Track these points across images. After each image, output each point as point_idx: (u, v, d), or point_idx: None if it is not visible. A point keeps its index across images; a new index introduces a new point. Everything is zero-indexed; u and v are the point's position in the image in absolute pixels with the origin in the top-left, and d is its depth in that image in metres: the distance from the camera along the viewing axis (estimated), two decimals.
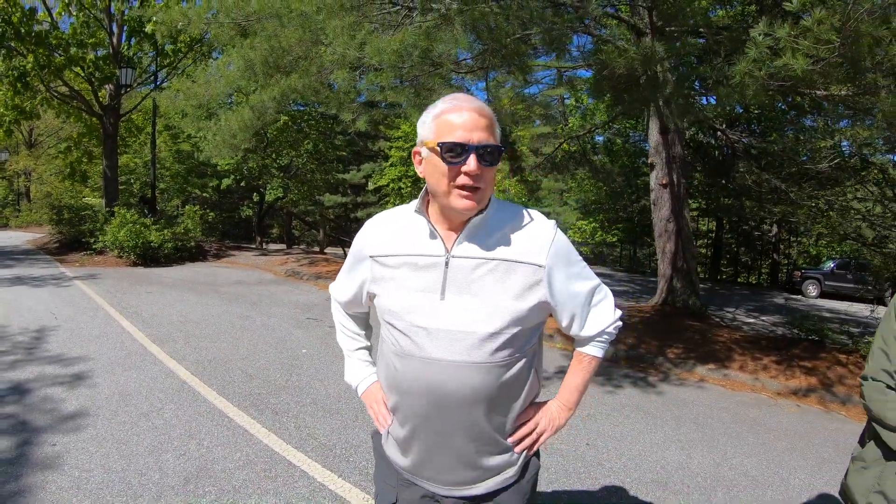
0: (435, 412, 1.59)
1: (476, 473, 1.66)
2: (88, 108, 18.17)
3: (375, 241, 1.70)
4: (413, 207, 1.67)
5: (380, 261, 1.67)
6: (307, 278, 14.00)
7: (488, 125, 1.53)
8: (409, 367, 1.59)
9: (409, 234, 1.64)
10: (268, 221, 31.67)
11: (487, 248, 1.57)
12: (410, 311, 1.58)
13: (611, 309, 1.75)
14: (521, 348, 1.60)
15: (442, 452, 1.64)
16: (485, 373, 1.54)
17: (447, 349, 1.54)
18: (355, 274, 1.80)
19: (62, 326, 7.45)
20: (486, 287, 1.55)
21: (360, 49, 6.27)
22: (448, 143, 1.50)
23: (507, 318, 1.53)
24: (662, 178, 11.08)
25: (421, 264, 1.59)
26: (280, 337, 7.66)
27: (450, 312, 1.54)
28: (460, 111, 1.52)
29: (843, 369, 7.49)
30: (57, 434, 4.16)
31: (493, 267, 1.56)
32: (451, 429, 1.60)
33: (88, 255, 15.91)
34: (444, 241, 1.59)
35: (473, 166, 1.48)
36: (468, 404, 1.56)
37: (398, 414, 1.69)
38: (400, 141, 23.14)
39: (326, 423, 4.69)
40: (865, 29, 4.18)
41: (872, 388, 2.03)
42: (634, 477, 4.20)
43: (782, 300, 18.30)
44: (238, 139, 10.04)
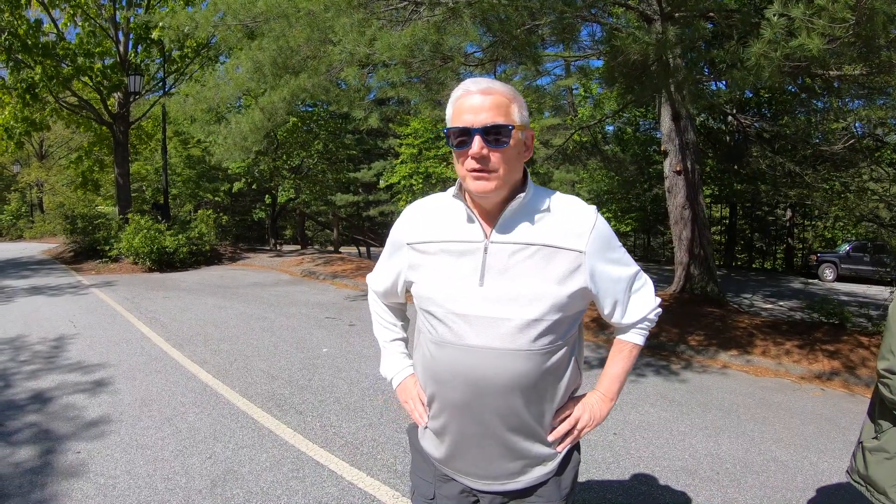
0: (473, 402, 1.55)
1: (515, 466, 1.63)
2: (98, 117, 18.30)
3: (413, 228, 1.68)
4: (451, 193, 1.64)
5: (417, 248, 1.65)
6: (323, 278, 14.01)
7: (497, 104, 1.48)
8: (447, 356, 1.56)
9: (446, 220, 1.62)
10: (281, 223, 31.74)
11: (527, 234, 1.53)
12: (448, 298, 1.54)
13: (651, 295, 1.72)
14: (563, 336, 1.56)
15: (480, 444, 1.60)
16: (525, 360, 1.50)
17: (486, 336, 1.50)
18: (392, 262, 1.78)
19: (81, 334, 7.49)
20: (526, 273, 1.51)
21: (370, 45, 6.25)
22: (454, 128, 1.50)
23: (549, 304, 1.49)
24: (676, 165, 10.99)
25: (459, 250, 1.56)
26: (300, 337, 7.66)
27: (489, 299, 1.51)
28: (468, 95, 1.51)
29: (865, 352, 7.41)
30: (80, 441, 4.16)
31: (534, 252, 1.52)
32: (490, 419, 1.56)
33: (104, 263, 16.00)
34: (483, 226, 1.56)
35: (476, 149, 1.45)
36: (507, 393, 1.52)
37: (434, 404, 1.66)
38: (410, 138, 23.08)
39: (352, 422, 4.68)
40: (879, 6, 4.11)
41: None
42: (663, 465, 4.16)
43: (799, 285, 18.15)
44: (249, 141, 10.04)
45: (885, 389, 2.03)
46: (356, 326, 8.50)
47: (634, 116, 23.61)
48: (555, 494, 1.68)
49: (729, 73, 5.28)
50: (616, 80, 6.92)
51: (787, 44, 4.38)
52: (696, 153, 11.48)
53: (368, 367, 6.34)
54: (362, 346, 7.27)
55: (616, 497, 3.64)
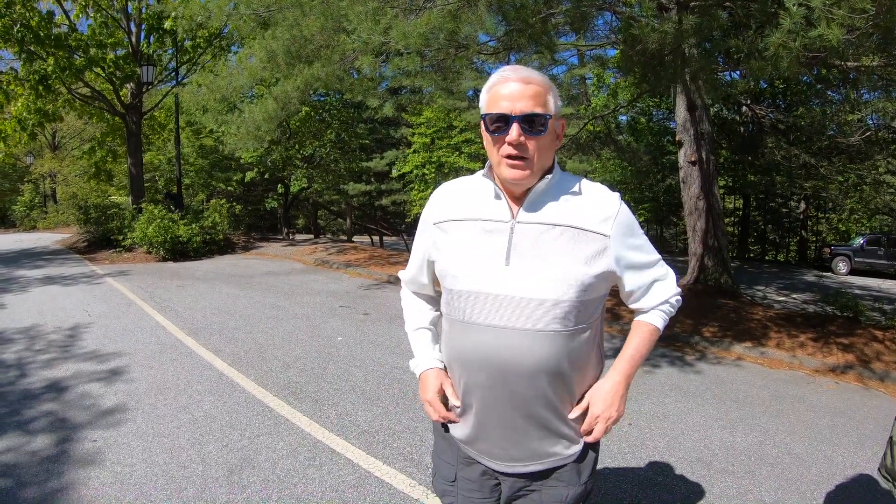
0: (498, 382, 1.55)
1: (538, 448, 1.63)
2: (111, 107, 18.35)
3: (439, 208, 1.69)
4: (480, 174, 1.66)
5: (442, 227, 1.66)
6: (337, 266, 14.04)
7: (535, 93, 1.51)
8: (471, 337, 1.56)
9: (473, 199, 1.63)
10: (293, 212, 31.83)
11: (554, 215, 1.55)
12: (473, 276, 1.55)
13: (673, 282, 1.75)
14: (587, 319, 1.57)
15: (504, 425, 1.61)
16: (551, 341, 1.51)
17: (512, 316, 1.51)
18: (419, 245, 1.79)
19: (96, 323, 7.54)
20: (553, 253, 1.52)
21: (385, 34, 6.23)
22: (491, 114, 1.52)
23: (575, 285, 1.51)
24: (691, 156, 10.92)
25: (486, 229, 1.57)
26: (314, 326, 7.69)
27: (516, 278, 1.51)
28: (506, 82, 1.53)
29: (879, 346, 7.36)
30: (97, 430, 4.18)
31: (560, 233, 1.54)
32: (514, 401, 1.57)
33: (118, 253, 16.09)
34: (511, 206, 1.58)
35: (514, 136, 1.49)
36: (532, 375, 1.53)
37: (459, 384, 1.66)
38: (422, 127, 23.04)
39: (367, 410, 4.70)
40: None
41: None
42: (679, 456, 4.15)
43: (813, 277, 18.03)
44: (262, 130, 10.05)
45: None
46: (370, 315, 8.52)
47: (648, 106, 23.46)
48: (574, 479, 1.68)
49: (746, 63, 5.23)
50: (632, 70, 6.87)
51: (807, 34, 4.33)
52: (710, 144, 11.41)
53: (383, 355, 6.36)
54: (377, 335, 7.29)
55: (632, 488, 3.64)
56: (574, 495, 1.67)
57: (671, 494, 3.61)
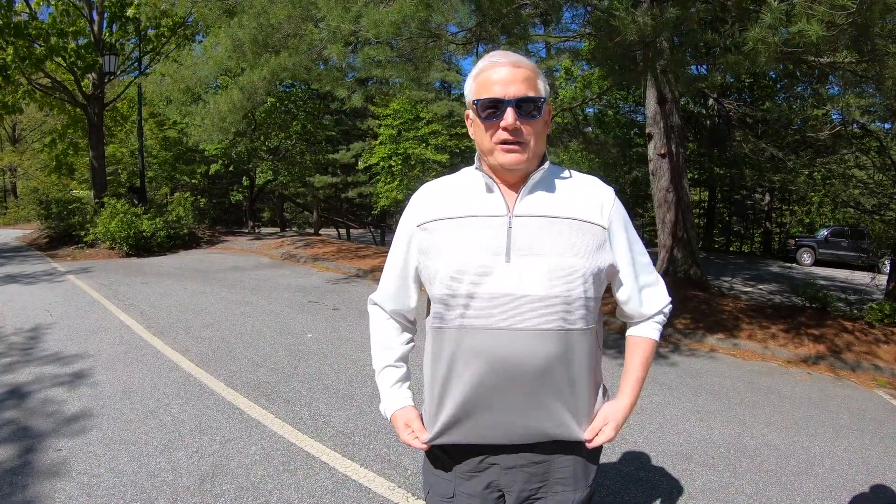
0: (500, 387, 1.44)
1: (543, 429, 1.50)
2: (72, 98, 17.75)
3: (423, 208, 1.57)
4: (467, 170, 1.59)
5: (427, 227, 1.54)
6: (304, 261, 13.84)
7: (527, 77, 1.45)
8: (469, 340, 1.44)
9: (463, 194, 1.54)
10: (258, 205, 31.37)
11: (551, 207, 1.48)
12: (472, 277, 1.43)
13: (664, 289, 1.70)
14: (592, 316, 1.48)
15: (509, 425, 1.49)
16: (558, 341, 1.42)
17: (517, 316, 1.40)
18: (399, 256, 1.65)
19: (58, 324, 7.26)
20: (555, 247, 1.44)
21: (356, 22, 6.09)
22: (483, 99, 1.45)
23: (580, 280, 1.43)
24: (661, 148, 10.97)
25: (480, 225, 1.47)
26: (283, 322, 7.52)
27: (518, 276, 1.41)
28: (496, 66, 1.46)
29: (849, 336, 7.49)
30: (61, 438, 3.98)
31: (561, 226, 1.46)
32: (522, 402, 1.45)
33: (80, 249, 15.61)
34: (506, 199, 1.49)
35: (511, 120, 1.42)
36: (540, 378, 1.43)
37: (449, 399, 1.51)
38: (389, 119, 22.87)
39: (341, 410, 4.58)
40: None
41: None
42: (659, 450, 4.14)
43: (777, 268, 18.37)
44: (228, 122, 9.81)
45: None
46: (340, 310, 8.38)
47: (616, 99, 23.59)
48: (581, 483, 1.59)
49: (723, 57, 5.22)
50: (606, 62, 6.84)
51: (787, 29, 4.33)
52: (680, 136, 11.48)
53: (355, 352, 6.24)
54: (347, 331, 7.16)
55: (614, 484, 3.59)
56: (580, 499, 1.58)
57: (654, 489, 3.58)
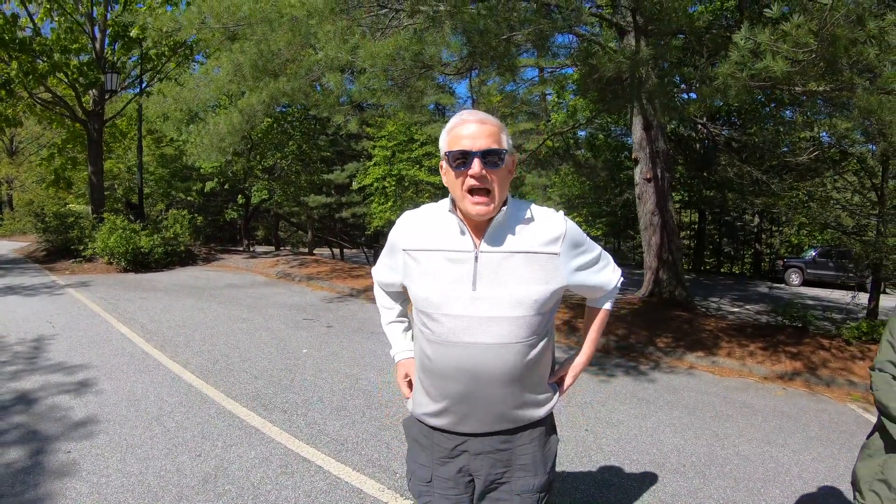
0: (475, 390, 1.80)
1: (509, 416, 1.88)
2: (72, 114, 18.03)
3: (409, 235, 1.90)
4: (443, 207, 1.88)
5: (413, 255, 1.87)
6: (299, 279, 14.08)
7: (492, 132, 1.76)
8: (446, 353, 1.79)
9: (440, 231, 1.85)
10: (253, 223, 31.56)
11: (511, 243, 1.79)
12: (445, 301, 1.77)
13: (613, 269, 2.06)
14: (545, 328, 1.84)
15: (479, 416, 1.85)
16: (517, 352, 1.77)
17: (483, 334, 1.75)
18: (391, 262, 2.02)
19: (60, 335, 7.49)
20: (513, 277, 1.77)
21: (353, 53, 6.40)
22: (453, 151, 1.75)
23: (533, 303, 1.76)
24: (647, 173, 11.30)
25: (453, 259, 1.79)
26: (279, 338, 7.78)
27: (482, 301, 1.75)
28: (465, 123, 1.77)
29: (826, 353, 7.75)
30: (70, 441, 4.22)
31: (518, 259, 1.78)
32: (488, 400, 1.82)
33: (78, 263, 15.83)
34: (473, 238, 1.80)
35: (477, 169, 1.72)
36: (505, 381, 1.79)
37: (432, 394, 1.89)
38: (383, 140, 23.14)
39: (335, 419, 4.84)
40: (841, 32, 4.39)
41: (879, 379, 2.18)
42: (633, 459, 4.39)
43: (766, 289, 18.61)
44: (227, 143, 10.07)
45: (870, 386, 2.23)
46: (334, 328, 8.63)
47: (606, 122, 23.96)
48: (540, 468, 1.94)
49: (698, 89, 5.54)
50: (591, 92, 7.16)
51: (753, 65, 4.65)
52: (666, 161, 11.81)
53: (347, 367, 6.50)
54: (340, 348, 7.42)
55: (589, 488, 3.86)
56: (540, 483, 1.92)
57: (626, 494, 3.83)
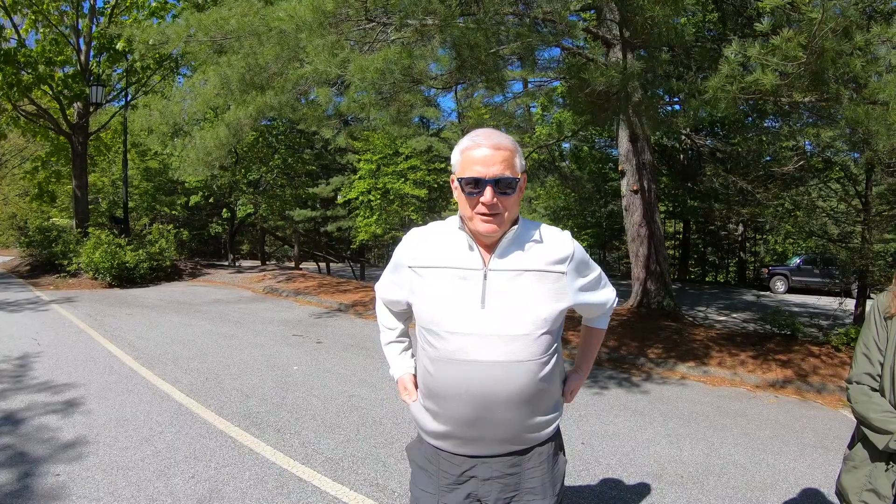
0: (481, 414, 1.75)
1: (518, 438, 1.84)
2: (57, 126, 17.84)
3: (415, 253, 1.87)
4: (452, 225, 1.86)
5: (419, 272, 1.84)
6: (286, 294, 13.99)
7: (505, 157, 1.73)
8: (453, 372, 1.74)
9: (447, 248, 1.82)
10: (238, 238, 31.39)
11: (520, 261, 1.77)
12: (453, 319, 1.74)
13: (610, 289, 2.07)
14: (553, 344, 1.81)
15: (487, 439, 1.81)
16: (526, 369, 1.72)
17: (492, 351, 1.70)
18: (395, 280, 1.98)
19: (46, 352, 7.37)
20: (522, 294, 1.74)
21: (342, 67, 6.38)
22: (465, 178, 1.74)
23: (542, 321, 1.74)
24: (633, 185, 11.35)
25: (460, 276, 1.77)
26: (269, 355, 7.70)
27: (491, 319, 1.72)
28: (478, 147, 1.74)
29: (816, 360, 7.81)
30: (59, 463, 4.12)
31: (527, 277, 1.76)
32: (497, 428, 1.77)
33: (62, 278, 15.63)
34: (482, 255, 1.78)
35: (489, 197, 1.70)
36: (515, 403, 1.74)
37: (438, 417, 1.84)
38: (368, 153, 23.09)
39: (330, 438, 4.78)
40: (829, 45, 4.45)
41: (857, 391, 2.20)
42: (630, 471, 4.38)
43: (752, 297, 18.71)
44: (213, 157, 10.00)
45: (847, 399, 2.26)
46: (324, 344, 8.57)
47: (591, 134, 24.12)
48: (548, 491, 1.89)
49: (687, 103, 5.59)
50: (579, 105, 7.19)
51: (743, 79, 4.70)
52: (652, 173, 11.88)
53: (340, 384, 6.44)
54: (331, 364, 7.35)
55: (588, 502, 3.83)
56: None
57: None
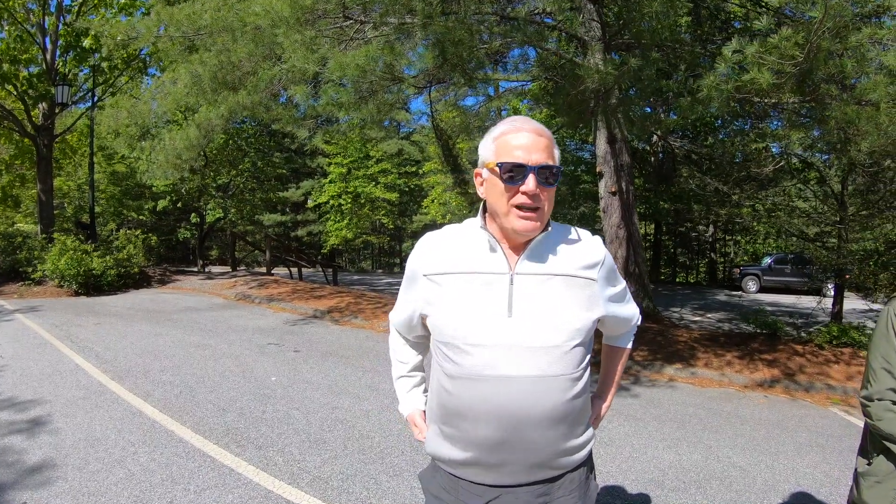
0: (509, 436, 1.52)
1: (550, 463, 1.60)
2: (21, 128, 17.11)
3: (430, 259, 1.66)
4: (471, 226, 1.68)
5: (435, 279, 1.62)
6: (259, 301, 13.64)
7: (547, 146, 1.56)
8: (475, 390, 1.52)
9: (467, 251, 1.62)
10: (207, 243, 30.80)
11: (550, 264, 1.59)
12: (476, 329, 1.53)
13: (634, 305, 1.90)
14: (586, 358, 1.61)
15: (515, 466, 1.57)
16: (560, 385, 1.52)
17: (522, 366, 1.50)
18: (409, 296, 1.77)
19: (9, 366, 6.98)
20: (553, 301, 1.55)
21: (321, 64, 6.16)
22: (507, 163, 1.53)
23: (576, 330, 1.54)
24: (612, 186, 11.27)
25: (483, 281, 1.56)
26: (245, 365, 7.40)
27: (520, 328, 1.51)
28: (519, 132, 1.56)
29: (801, 359, 7.84)
30: (25, 490, 3.79)
31: (558, 282, 1.57)
32: (527, 445, 1.54)
33: (26, 286, 15.00)
34: (508, 258, 1.58)
35: (532, 186, 1.51)
36: (547, 423, 1.53)
37: (458, 443, 1.60)
38: (339, 157, 22.89)
39: (315, 454, 4.52)
40: (825, 45, 4.38)
41: (881, 408, 2.11)
42: (632, 479, 4.25)
43: (724, 297, 18.91)
44: (184, 159, 9.72)
45: (866, 416, 2.17)
46: (301, 353, 8.29)
47: (563, 137, 24.16)
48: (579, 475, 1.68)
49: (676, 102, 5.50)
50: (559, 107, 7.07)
51: (740, 77, 4.62)
52: (630, 175, 11.83)
53: (322, 395, 6.18)
54: (311, 374, 7.08)
55: None
56: None
57: None
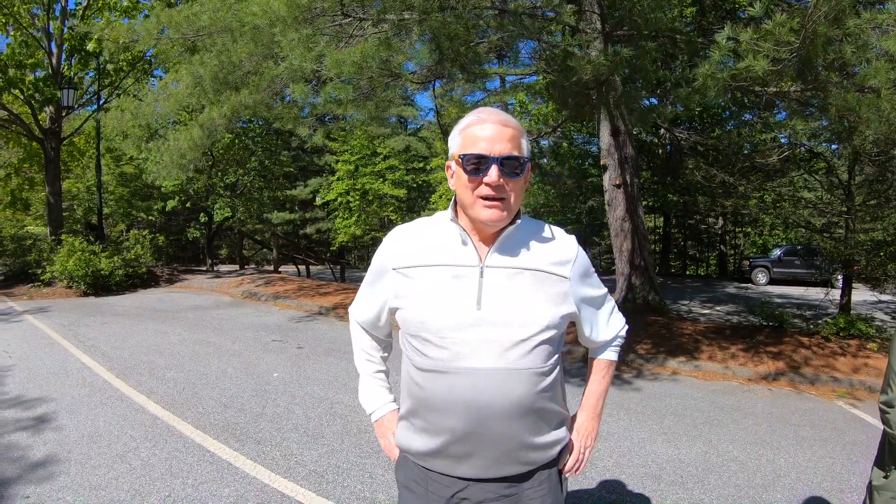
0: (475, 427, 1.53)
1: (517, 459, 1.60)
2: (29, 132, 17.29)
3: (399, 252, 1.66)
4: (441, 218, 1.67)
5: (405, 272, 1.62)
6: (265, 299, 13.71)
7: (513, 136, 1.55)
8: (443, 382, 1.53)
9: (437, 243, 1.62)
10: (216, 242, 30.94)
11: (520, 259, 1.59)
12: (445, 322, 1.53)
13: (620, 315, 1.87)
14: (555, 354, 1.61)
15: (482, 460, 1.57)
16: (527, 379, 1.53)
17: (489, 358, 1.51)
18: (376, 290, 1.76)
19: (17, 365, 7.07)
20: (523, 295, 1.55)
21: (318, 62, 6.17)
22: (469, 154, 1.53)
23: (545, 324, 1.54)
24: (616, 179, 11.23)
25: (453, 274, 1.57)
26: (248, 362, 7.45)
27: (489, 321, 1.52)
28: (483, 123, 1.55)
29: (807, 351, 7.75)
30: (28, 485, 3.86)
31: (528, 276, 1.57)
32: (493, 440, 1.54)
33: (36, 287, 15.16)
34: (478, 250, 1.59)
35: (495, 177, 1.50)
36: (513, 415, 1.53)
37: (427, 431, 1.61)
38: (346, 154, 22.88)
39: (312, 449, 4.56)
40: (822, 30, 4.33)
41: None
42: (629, 473, 4.24)
43: (734, 289, 18.79)
44: (187, 159, 9.75)
45: (885, 424, 2.11)
46: (304, 349, 8.33)
47: (570, 131, 24.05)
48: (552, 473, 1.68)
49: (674, 92, 5.47)
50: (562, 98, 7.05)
51: (735, 65, 4.59)
52: (634, 167, 11.77)
53: (322, 391, 6.22)
54: (313, 370, 7.12)
55: None
56: None
57: None
